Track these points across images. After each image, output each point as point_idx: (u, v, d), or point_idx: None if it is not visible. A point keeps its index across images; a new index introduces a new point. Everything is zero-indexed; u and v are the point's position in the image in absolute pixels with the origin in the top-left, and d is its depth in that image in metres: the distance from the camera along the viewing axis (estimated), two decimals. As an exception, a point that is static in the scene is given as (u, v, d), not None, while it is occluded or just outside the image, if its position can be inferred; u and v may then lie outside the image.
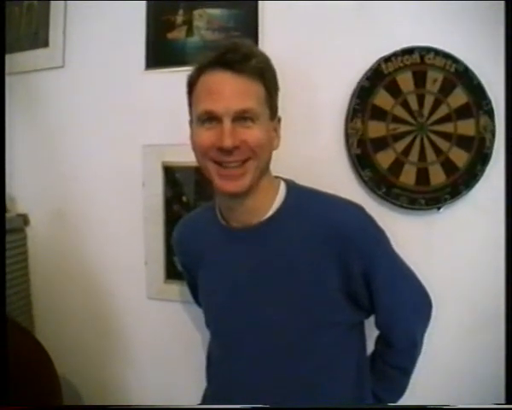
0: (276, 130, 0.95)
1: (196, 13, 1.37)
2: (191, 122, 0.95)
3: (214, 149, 0.84)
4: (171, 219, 1.42)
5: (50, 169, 1.54)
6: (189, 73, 0.92)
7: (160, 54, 1.41)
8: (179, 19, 1.38)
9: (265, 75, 0.88)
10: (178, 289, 1.43)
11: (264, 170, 0.92)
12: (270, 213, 0.92)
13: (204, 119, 0.86)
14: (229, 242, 0.96)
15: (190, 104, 0.94)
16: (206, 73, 0.87)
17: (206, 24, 1.36)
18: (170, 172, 1.42)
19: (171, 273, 1.43)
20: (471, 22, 1.21)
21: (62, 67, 1.51)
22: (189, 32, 1.38)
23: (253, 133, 0.85)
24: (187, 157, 1.35)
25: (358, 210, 0.94)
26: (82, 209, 1.52)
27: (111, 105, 1.46)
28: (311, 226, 0.90)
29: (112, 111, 1.46)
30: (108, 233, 1.50)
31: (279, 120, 0.96)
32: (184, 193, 1.42)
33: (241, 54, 0.84)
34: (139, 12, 1.40)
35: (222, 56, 0.84)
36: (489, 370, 1.23)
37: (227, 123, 0.83)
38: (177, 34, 1.39)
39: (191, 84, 0.91)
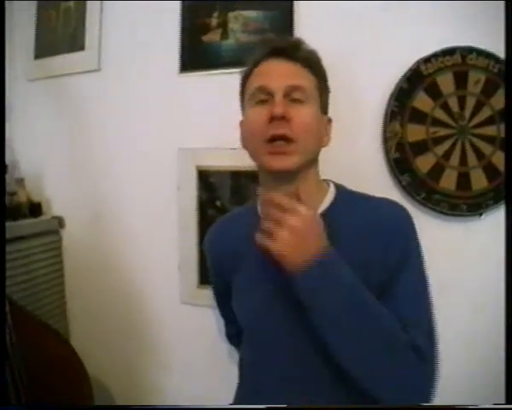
0: (327, 128, 1.01)
1: (231, 15, 1.43)
2: (241, 123, 1.03)
3: (265, 122, 0.90)
4: (204, 224, 1.48)
5: (86, 172, 1.63)
6: (242, 71, 1.01)
7: (195, 57, 1.48)
8: (214, 21, 1.46)
9: (315, 66, 0.97)
10: (211, 294, 1.49)
11: (312, 161, 0.97)
12: (320, 211, 0.96)
13: (257, 99, 0.93)
14: None
15: (243, 101, 1.02)
16: (259, 65, 0.96)
17: (241, 26, 1.43)
18: (204, 177, 1.49)
19: (205, 278, 1.50)
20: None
21: (98, 70, 1.61)
22: (224, 34, 1.45)
23: (302, 113, 0.91)
24: (222, 161, 1.45)
25: (405, 211, 0.97)
26: (117, 213, 1.61)
27: (146, 108, 1.55)
28: (358, 226, 0.93)
29: (147, 114, 1.55)
30: (143, 237, 1.58)
31: (330, 120, 1.03)
32: (218, 197, 1.48)
33: (291, 43, 0.96)
34: (174, 14, 1.49)
35: (274, 46, 0.95)
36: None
37: (279, 96, 0.90)
38: (212, 37, 1.46)
39: (244, 78, 1.00)
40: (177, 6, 1.49)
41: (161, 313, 1.59)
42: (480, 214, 1.26)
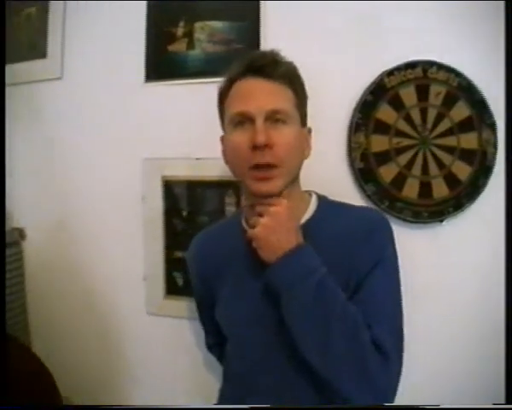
0: (307, 139, 1.03)
1: (197, 25, 1.45)
2: (223, 137, 1.04)
3: (248, 149, 0.91)
4: (170, 234, 1.50)
5: (48, 182, 1.61)
6: (220, 85, 1.01)
7: (160, 66, 1.49)
8: (180, 31, 1.47)
9: (294, 81, 0.97)
10: (178, 304, 1.50)
11: (296, 176, 1.00)
12: (303, 221, 1.00)
13: (236, 121, 0.94)
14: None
15: (222, 115, 1.03)
16: (236, 82, 0.96)
17: (207, 36, 1.44)
18: (170, 187, 1.49)
19: (172, 289, 1.50)
20: (474, 37, 1.29)
21: (60, 78, 1.58)
22: (190, 44, 1.46)
23: (284, 135, 0.93)
24: (187, 171, 1.46)
25: (385, 219, 1.03)
26: (80, 223, 1.59)
27: (110, 118, 1.54)
28: (339, 235, 0.97)
29: (111, 124, 1.54)
30: (107, 248, 1.57)
31: (310, 130, 1.05)
32: (184, 207, 1.49)
33: (269, 60, 0.95)
34: (139, 24, 1.49)
35: (251, 64, 0.94)
36: (489, 370, 1.30)
37: (260, 122, 0.90)
38: (178, 46, 1.47)
39: (222, 96, 1.00)
40: (143, 15, 1.49)
41: (128, 324, 1.57)
42: (441, 221, 1.31)
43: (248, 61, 0.95)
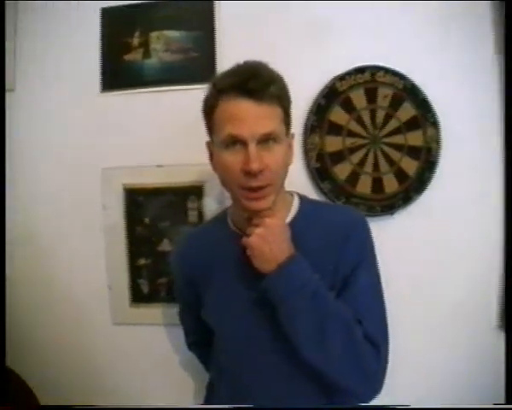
0: (291, 145, 1.07)
1: (153, 35, 1.49)
2: (210, 144, 1.05)
3: (240, 172, 0.94)
4: (133, 242, 1.52)
5: (8, 195, 1.58)
6: (207, 93, 1.01)
7: (116, 76, 1.52)
8: (136, 41, 1.50)
9: (283, 98, 0.99)
10: (144, 312, 1.52)
11: (283, 185, 1.05)
12: (288, 221, 1.06)
13: (228, 143, 0.95)
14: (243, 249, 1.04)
15: (210, 126, 1.02)
16: (227, 98, 0.95)
17: (163, 46, 1.49)
18: (131, 194, 1.52)
19: (137, 297, 1.53)
20: (418, 42, 1.42)
21: (13, 90, 1.57)
22: (147, 53, 1.50)
23: (275, 156, 0.96)
24: (148, 179, 1.49)
25: (362, 216, 1.13)
26: (43, 235, 1.57)
27: (67, 129, 1.54)
28: (321, 234, 1.04)
29: (68, 135, 1.54)
30: (70, 258, 1.56)
31: (293, 135, 1.09)
32: (146, 214, 1.52)
33: (262, 82, 0.93)
34: (95, 34, 1.52)
35: (244, 84, 0.92)
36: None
37: (252, 147, 0.92)
38: (134, 56, 1.51)
39: (210, 107, 0.99)
40: (98, 25, 1.52)
41: (94, 335, 1.57)
42: (392, 214, 1.42)
43: (239, 80, 0.94)
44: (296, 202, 1.11)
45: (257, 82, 0.93)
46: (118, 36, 1.52)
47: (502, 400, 1.28)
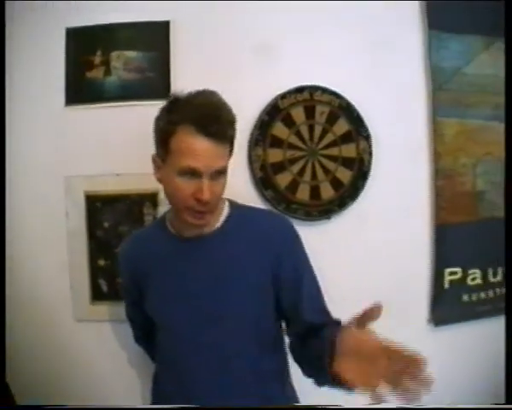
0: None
1: (114, 54, 1.64)
2: (156, 158, 1.14)
3: (190, 196, 1.06)
4: (93, 245, 1.66)
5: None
6: (163, 116, 1.09)
7: (79, 91, 1.65)
8: (97, 59, 1.64)
9: (233, 135, 1.11)
10: (104, 309, 1.66)
11: None
12: (219, 224, 1.20)
13: (185, 172, 1.05)
14: (183, 251, 1.20)
15: (163, 148, 1.09)
16: (187, 131, 1.03)
17: (123, 64, 1.64)
18: (92, 201, 1.65)
19: (98, 295, 1.66)
20: (353, 64, 1.63)
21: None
22: (107, 71, 1.64)
23: (221, 186, 1.11)
24: (107, 186, 1.63)
25: (284, 219, 1.29)
26: (11, 240, 1.63)
27: (32, 140, 1.66)
28: (249, 233, 1.19)
29: (35, 144, 1.66)
30: (34, 262, 1.67)
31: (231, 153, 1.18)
32: (106, 219, 1.65)
33: (222, 127, 1.05)
34: (59, 52, 1.65)
35: (207, 126, 1.02)
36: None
37: (206, 179, 1.04)
38: (96, 73, 1.65)
39: (166, 132, 1.07)
40: (63, 44, 1.64)
41: (56, 332, 1.68)
42: (329, 218, 1.60)
43: (202, 121, 1.02)
44: (226, 208, 1.24)
45: (218, 127, 1.03)
46: (81, 54, 1.65)
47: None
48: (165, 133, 1.07)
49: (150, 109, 1.16)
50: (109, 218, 1.65)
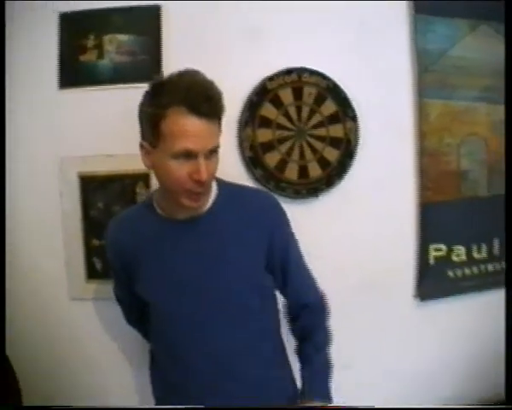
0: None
1: (106, 38, 1.68)
2: (145, 145, 1.14)
3: (187, 178, 1.06)
4: (88, 224, 1.70)
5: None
6: (149, 100, 1.10)
7: (73, 74, 1.69)
8: (90, 43, 1.68)
9: (222, 112, 1.11)
10: (98, 287, 1.71)
11: None
12: (209, 204, 1.21)
13: (180, 155, 1.05)
14: (173, 233, 1.21)
15: (153, 133, 1.08)
16: (178, 112, 1.03)
17: (115, 48, 1.67)
18: (86, 182, 1.69)
19: (93, 273, 1.71)
20: (340, 47, 1.68)
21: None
22: (100, 55, 1.68)
23: (215, 164, 1.13)
24: (101, 167, 1.67)
25: (272, 196, 1.35)
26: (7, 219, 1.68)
27: (27, 122, 1.70)
28: (239, 211, 1.23)
29: (28, 127, 1.70)
30: (30, 241, 1.72)
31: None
32: (100, 199, 1.70)
33: (214, 105, 1.06)
34: (53, 36, 1.69)
35: (198, 105, 1.02)
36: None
37: (202, 159, 1.05)
38: (89, 57, 1.68)
39: (156, 116, 1.06)
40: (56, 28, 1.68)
41: (52, 309, 1.73)
42: (317, 196, 1.66)
43: (193, 101, 1.02)
44: (214, 186, 1.24)
45: (209, 105, 1.04)
46: (74, 38, 1.68)
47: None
48: (154, 118, 1.06)
49: (142, 91, 1.17)
50: (103, 198, 1.70)
